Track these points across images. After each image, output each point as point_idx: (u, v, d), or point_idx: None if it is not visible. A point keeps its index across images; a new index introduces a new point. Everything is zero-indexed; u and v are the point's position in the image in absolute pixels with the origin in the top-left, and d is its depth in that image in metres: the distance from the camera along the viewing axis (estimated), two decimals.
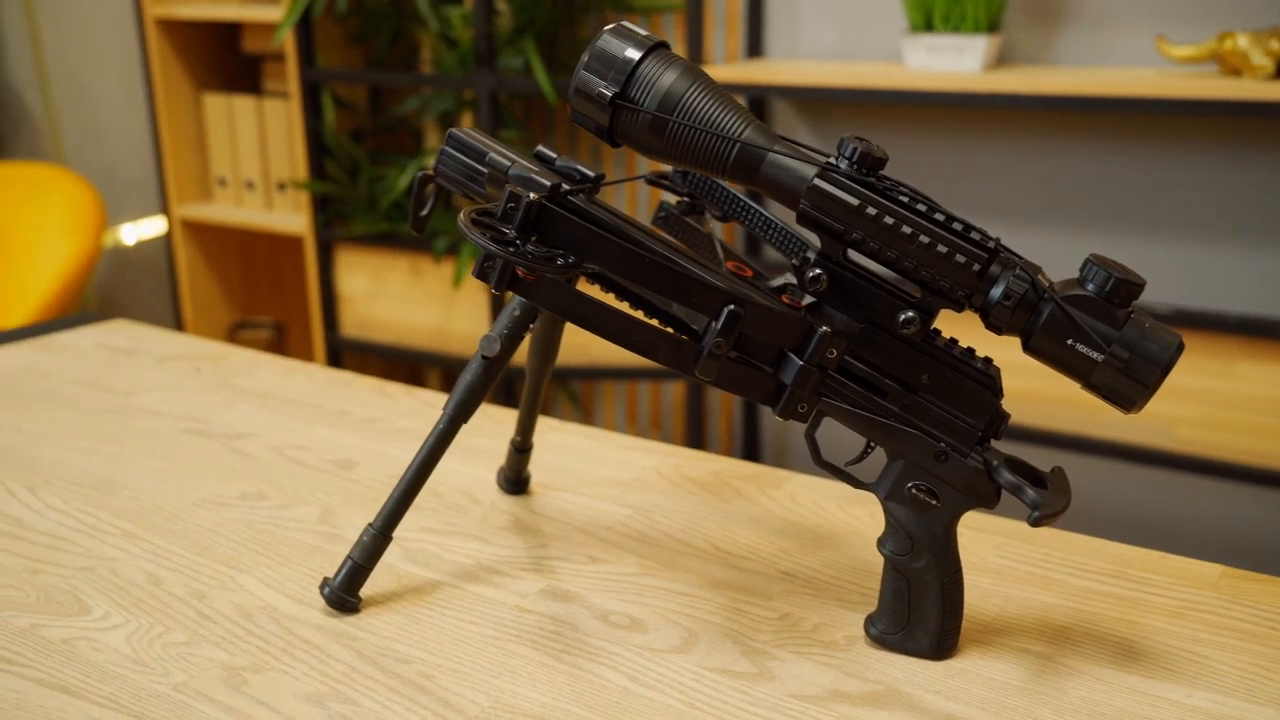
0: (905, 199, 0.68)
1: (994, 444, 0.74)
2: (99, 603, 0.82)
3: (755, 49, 2.15)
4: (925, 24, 1.88)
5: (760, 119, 0.70)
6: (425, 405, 1.20)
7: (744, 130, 0.69)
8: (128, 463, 1.05)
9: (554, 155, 0.73)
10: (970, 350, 0.74)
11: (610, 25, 0.70)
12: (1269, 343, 1.74)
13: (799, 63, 2.09)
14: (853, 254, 0.71)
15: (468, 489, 1.00)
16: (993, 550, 0.90)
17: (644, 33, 0.70)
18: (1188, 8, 1.80)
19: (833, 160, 0.69)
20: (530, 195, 0.65)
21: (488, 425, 1.11)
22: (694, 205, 0.86)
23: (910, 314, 0.70)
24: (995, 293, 0.68)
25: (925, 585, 0.75)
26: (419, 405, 1.20)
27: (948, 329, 0.76)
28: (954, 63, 1.84)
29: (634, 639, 0.78)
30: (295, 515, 0.95)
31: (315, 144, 2.41)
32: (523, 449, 0.97)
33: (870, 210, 0.68)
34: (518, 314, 0.81)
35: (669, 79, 0.69)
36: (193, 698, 0.71)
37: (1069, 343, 0.68)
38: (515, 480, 0.99)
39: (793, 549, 0.90)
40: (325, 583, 0.81)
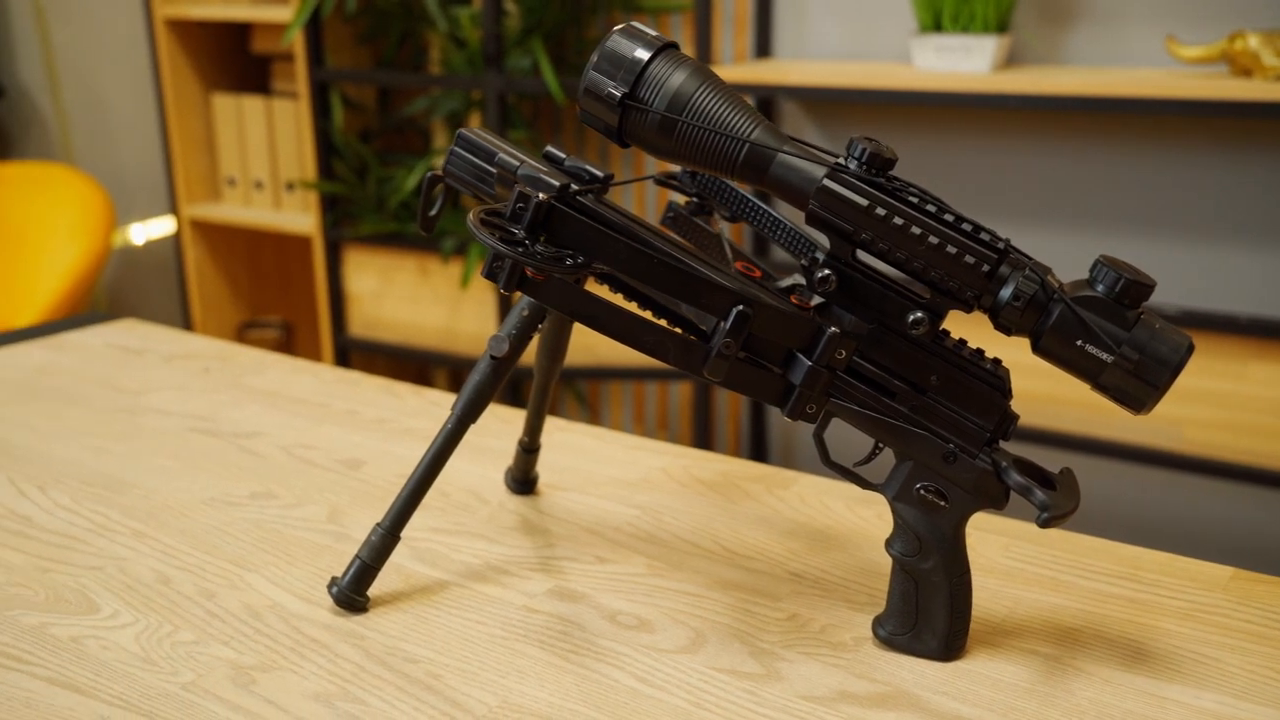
0: (915, 199, 0.68)
1: (1003, 445, 0.74)
2: (108, 601, 0.82)
3: (764, 49, 2.15)
4: (934, 24, 1.87)
5: (769, 119, 0.70)
6: (433, 405, 1.20)
7: (753, 131, 0.69)
8: (137, 462, 1.06)
9: (563, 155, 0.74)
10: (979, 351, 0.73)
11: (619, 25, 0.70)
12: (1279, 345, 1.74)
13: (807, 63, 2.09)
14: (861, 254, 0.71)
15: (475, 489, 1.00)
16: (1001, 551, 0.90)
17: (653, 33, 0.70)
18: (1198, 8, 1.79)
19: (842, 161, 0.69)
20: (539, 195, 0.65)
21: (496, 425, 1.12)
22: (702, 205, 0.86)
23: (919, 315, 0.70)
24: (1005, 293, 0.68)
25: (933, 586, 0.75)
26: (427, 405, 1.20)
27: (957, 330, 0.76)
28: (963, 63, 1.84)
29: (641, 639, 0.78)
30: (303, 514, 0.95)
31: (324, 144, 2.41)
32: (530, 449, 0.97)
33: (879, 211, 0.68)
34: (526, 314, 0.82)
35: (678, 79, 0.69)
36: (201, 696, 0.71)
37: (1078, 344, 0.68)
38: (523, 480, 0.99)
39: (801, 550, 0.90)
40: (333, 582, 0.81)
